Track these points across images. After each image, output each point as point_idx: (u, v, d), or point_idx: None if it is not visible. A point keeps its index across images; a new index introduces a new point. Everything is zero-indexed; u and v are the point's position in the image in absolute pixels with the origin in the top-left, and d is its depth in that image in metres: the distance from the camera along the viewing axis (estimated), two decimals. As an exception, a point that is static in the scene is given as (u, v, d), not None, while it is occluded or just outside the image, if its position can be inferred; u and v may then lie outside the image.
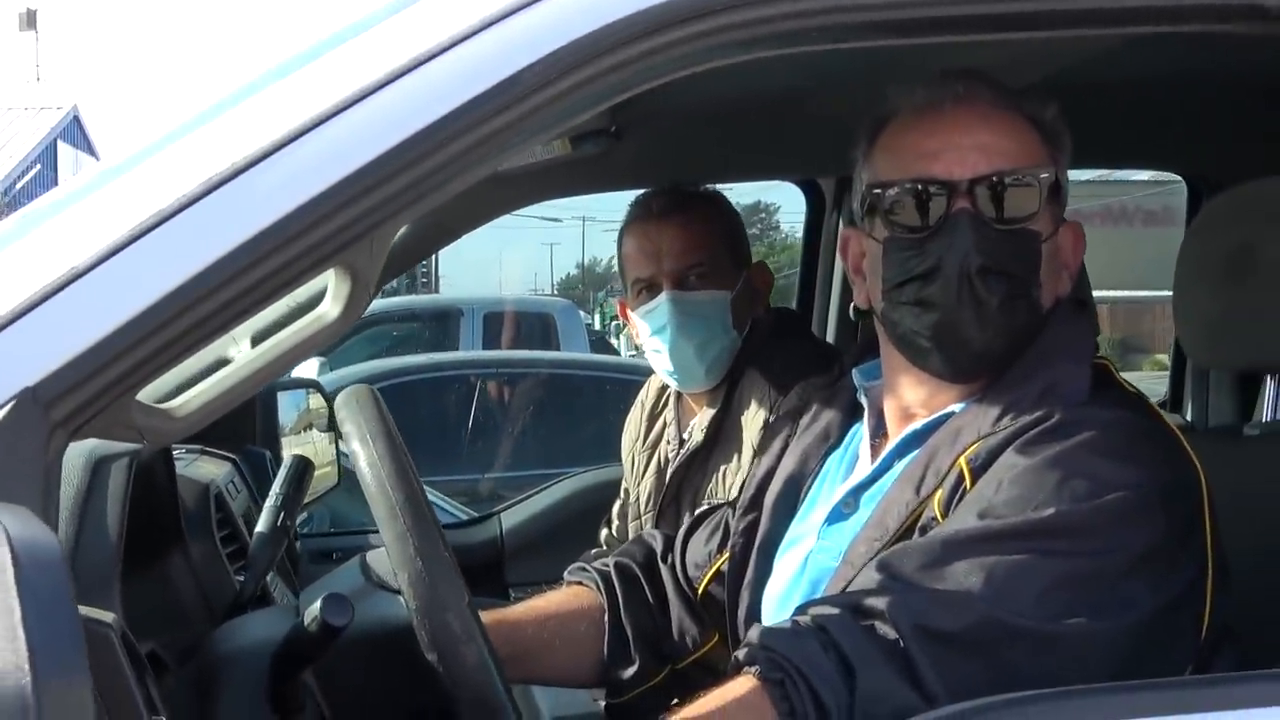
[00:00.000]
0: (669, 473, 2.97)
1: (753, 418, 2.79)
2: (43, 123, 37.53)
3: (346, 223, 1.37)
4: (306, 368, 7.27)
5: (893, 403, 1.87)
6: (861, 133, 1.85)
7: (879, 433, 1.88)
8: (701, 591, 2.09)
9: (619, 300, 3.11)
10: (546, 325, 11.99)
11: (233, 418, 2.67)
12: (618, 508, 3.24)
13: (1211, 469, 1.65)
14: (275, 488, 2.16)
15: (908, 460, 1.76)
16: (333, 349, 9.26)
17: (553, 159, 2.85)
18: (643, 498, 3.06)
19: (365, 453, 1.68)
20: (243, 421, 3.14)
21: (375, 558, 1.91)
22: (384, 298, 11.81)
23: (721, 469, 2.85)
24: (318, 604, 1.67)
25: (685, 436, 2.99)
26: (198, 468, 2.50)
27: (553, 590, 2.21)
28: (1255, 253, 1.81)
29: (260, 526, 2.13)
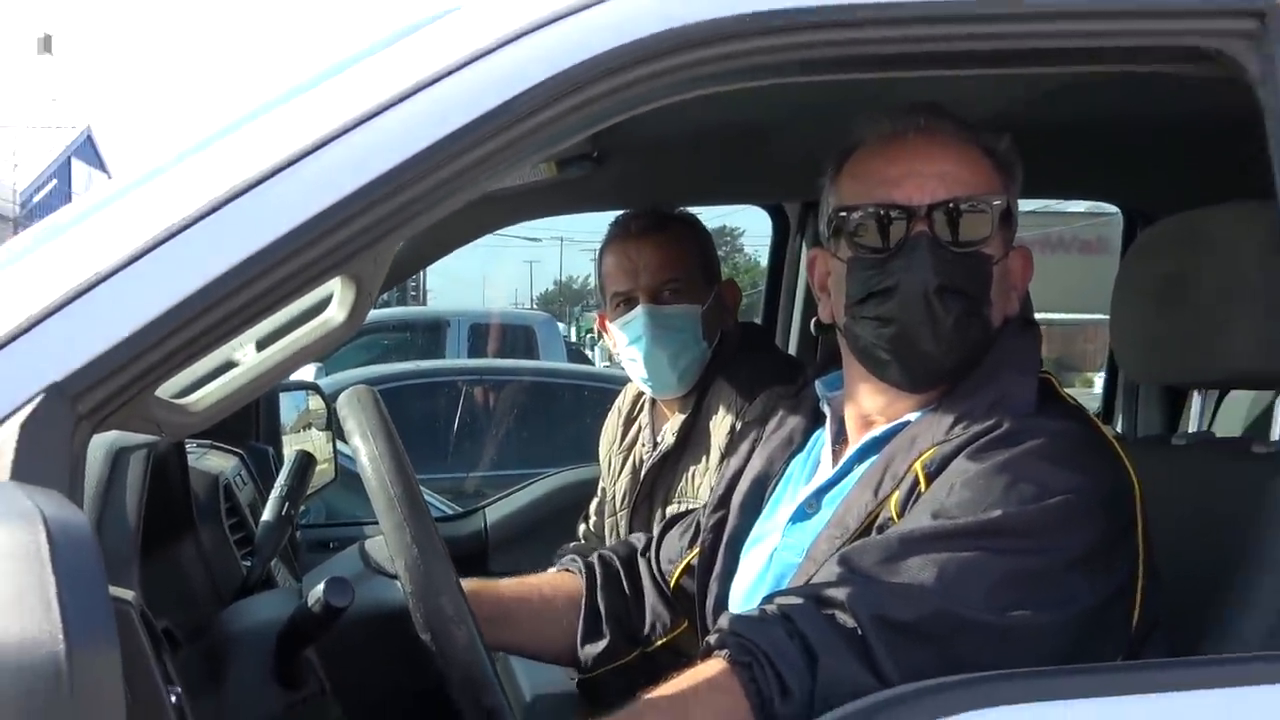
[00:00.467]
0: (643, 472, 2.98)
1: (721, 423, 2.80)
2: (58, 141, 37.33)
3: (352, 235, 1.37)
4: (303, 372, 7.25)
5: (853, 411, 1.87)
6: (830, 160, 1.86)
7: (840, 439, 1.89)
8: (674, 584, 2.10)
9: (598, 313, 3.11)
10: (528, 336, 11.98)
11: (238, 416, 2.68)
12: (595, 504, 3.24)
13: (1141, 475, 1.66)
14: (280, 480, 2.16)
15: (867, 465, 1.77)
16: (329, 355, 9.23)
17: (540, 181, 2.85)
18: (618, 495, 3.07)
19: (366, 448, 1.68)
20: (247, 420, 3.14)
21: (374, 545, 1.92)
22: (377, 309, 11.76)
23: (691, 470, 2.86)
24: (321, 586, 1.68)
25: (658, 440, 3.00)
26: (208, 461, 2.50)
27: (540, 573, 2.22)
28: (1185, 279, 1.82)
29: (266, 515, 2.13)
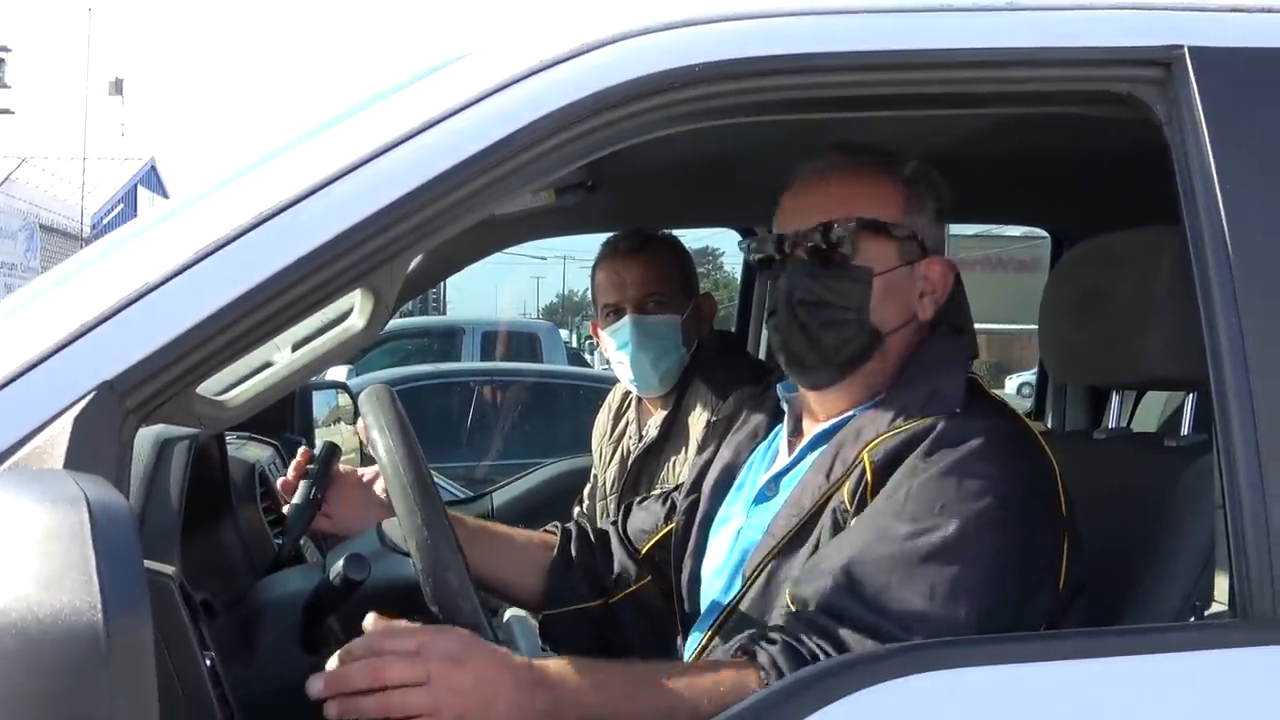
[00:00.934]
0: (630, 461, 2.97)
1: (698, 418, 2.79)
2: (126, 171, 37.27)
3: (371, 252, 1.36)
4: (336, 373, 7.23)
5: (805, 408, 1.88)
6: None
7: (796, 432, 1.88)
8: (644, 552, 2.08)
9: (592, 322, 3.10)
10: (533, 342, 11.97)
11: (275, 411, 2.66)
12: (588, 489, 3.23)
13: (1067, 465, 1.65)
14: (309, 467, 2.14)
15: (818, 453, 1.76)
16: (358, 359, 9.22)
17: (540, 206, 2.84)
18: (608, 482, 3.05)
19: (383, 440, 1.66)
20: (283, 414, 3.12)
21: (389, 526, 1.90)
22: (401, 318, 11.76)
23: (672, 459, 2.86)
24: (340, 562, 1.66)
25: (644, 433, 2.99)
26: (246, 450, 2.49)
27: None
28: (1104, 293, 1.81)
29: (295, 499, 2.11)
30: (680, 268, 2.97)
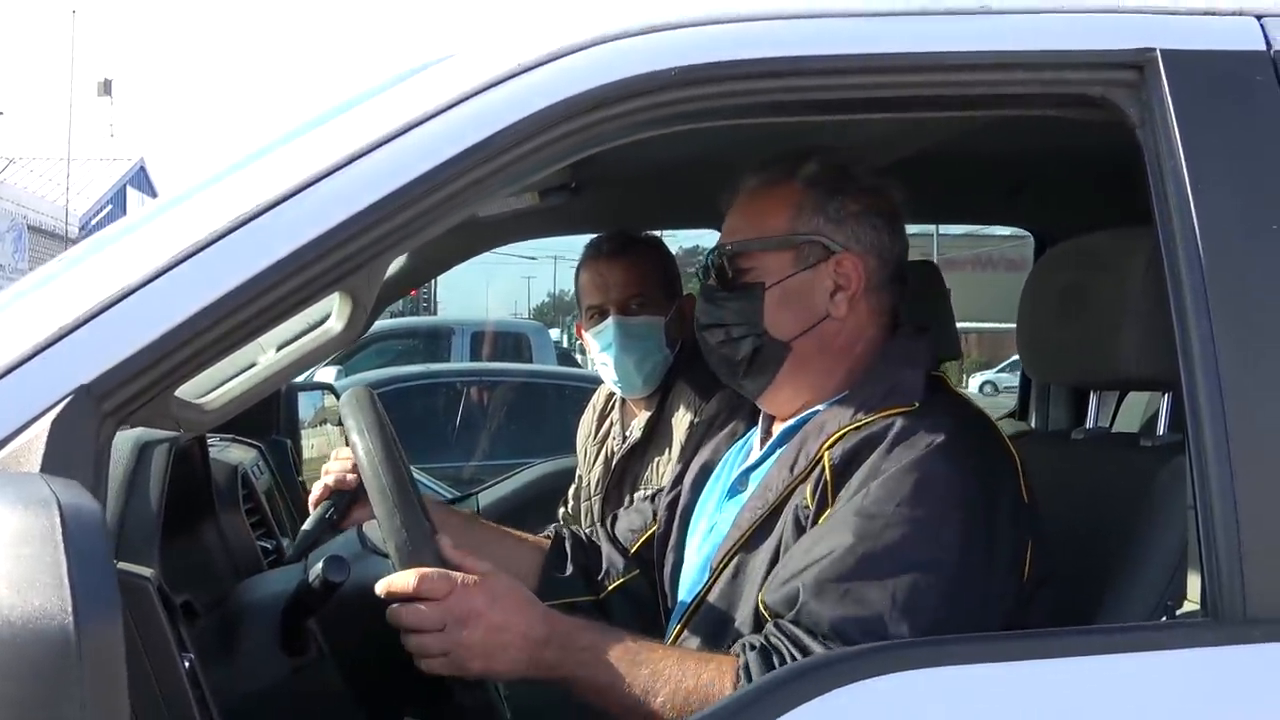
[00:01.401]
0: (614, 462, 2.97)
1: (681, 419, 2.80)
2: (115, 171, 37.24)
3: (348, 255, 1.36)
4: (324, 374, 7.22)
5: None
6: None
7: (767, 429, 1.91)
8: (634, 550, 2.10)
9: (577, 323, 3.10)
10: (522, 343, 11.94)
11: (260, 412, 2.66)
12: (572, 490, 3.23)
13: (1045, 464, 1.66)
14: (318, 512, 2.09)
15: (783, 448, 1.78)
16: (347, 358, 9.21)
17: (525, 208, 2.84)
18: (593, 482, 3.06)
19: (362, 443, 1.67)
20: (268, 416, 3.12)
21: (369, 528, 1.90)
22: (390, 318, 11.75)
23: (656, 460, 2.86)
24: (320, 564, 1.66)
25: (628, 434, 2.99)
26: (229, 453, 2.48)
27: None
28: (1083, 292, 1.82)
29: (308, 524, 2.05)
30: (663, 269, 2.97)
